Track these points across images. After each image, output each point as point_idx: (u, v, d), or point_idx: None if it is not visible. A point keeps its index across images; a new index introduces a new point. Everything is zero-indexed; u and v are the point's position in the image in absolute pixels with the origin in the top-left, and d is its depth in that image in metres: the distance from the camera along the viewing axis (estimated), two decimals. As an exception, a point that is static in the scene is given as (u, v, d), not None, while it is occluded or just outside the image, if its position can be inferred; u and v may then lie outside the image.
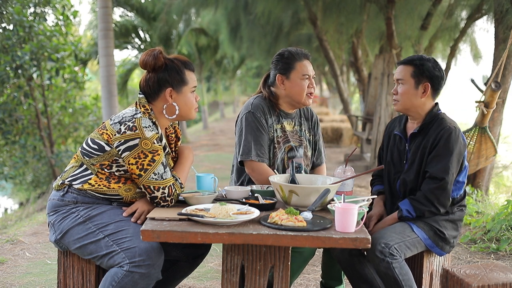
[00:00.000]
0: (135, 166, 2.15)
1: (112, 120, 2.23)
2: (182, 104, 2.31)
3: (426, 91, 2.49)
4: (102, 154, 2.21)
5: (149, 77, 2.29)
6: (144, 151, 2.15)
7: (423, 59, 2.49)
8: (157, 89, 2.28)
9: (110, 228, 2.16)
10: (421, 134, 2.51)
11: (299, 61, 2.71)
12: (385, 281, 2.29)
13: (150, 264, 2.05)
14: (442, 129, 2.43)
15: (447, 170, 2.37)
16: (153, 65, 2.26)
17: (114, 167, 2.22)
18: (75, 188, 2.24)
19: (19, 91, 10.35)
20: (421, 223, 2.44)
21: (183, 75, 2.30)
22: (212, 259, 3.78)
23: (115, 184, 2.25)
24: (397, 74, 2.54)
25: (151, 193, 2.19)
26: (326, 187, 2.18)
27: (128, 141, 2.14)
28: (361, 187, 6.88)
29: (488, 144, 4.74)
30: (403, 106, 2.53)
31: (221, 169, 8.46)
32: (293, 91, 2.72)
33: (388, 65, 7.88)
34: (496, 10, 5.19)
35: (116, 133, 2.17)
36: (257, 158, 2.66)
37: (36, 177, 11.62)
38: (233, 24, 13.02)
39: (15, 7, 9.68)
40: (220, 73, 24.31)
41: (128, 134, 2.14)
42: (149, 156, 2.15)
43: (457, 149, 2.40)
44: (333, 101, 23.43)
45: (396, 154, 2.61)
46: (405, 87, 2.50)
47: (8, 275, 3.49)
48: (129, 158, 2.15)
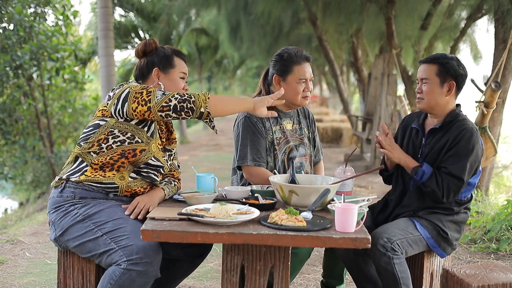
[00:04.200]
0: (139, 105, 2.19)
1: (102, 101, 2.34)
2: (168, 85, 2.39)
3: (451, 89, 2.49)
4: (98, 129, 2.28)
5: (140, 62, 2.44)
6: (137, 91, 2.22)
7: (447, 58, 2.49)
8: (146, 71, 2.41)
9: (108, 226, 2.17)
10: (441, 131, 2.50)
11: (297, 65, 2.70)
12: (383, 276, 2.29)
13: (147, 262, 2.06)
14: (464, 129, 2.43)
15: (465, 170, 2.38)
16: (144, 50, 2.41)
17: (111, 139, 2.26)
18: (72, 181, 2.27)
19: (19, 91, 10.34)
20: (424, 222, 2.44)
21: (171, 59, 2.42)
22: (212, 259, 3.78)
23: (110, 172, 2.28)
24: (421, 73, 2.53)
25: (169, 108, 2.16)
26: (326, 187, 2.18)
27: (120, 96, 2.24)
28: (361, 187, 6.88)
29: (488, 144, 4.73)
30: (428, 104, 2.52)
31: (221, 169, 8.46)
32: (288, 94, 2.72)
33: (388, 65, 7.88)
34: (496, 10, 5.19)
35: (108, 101, 2.28)
36: (253, 163, 2.67)
37: (36, 177, 11.62)
38: (233, 24, 13.02)
39: (15, 7, 9.67)
40: (220, 73, 24.33)
41: (117, 92, 2.26)
42: (144, 91, 2.21)
43: (476, 150, 2.41)
44: (333, 101, 23.40)
45: (411, 148, 2.60)
46: (430, 86, 2.49)
47: (8, 275, 3.49)
48: (130, 106, 2.21)
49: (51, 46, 10.32)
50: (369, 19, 8.97)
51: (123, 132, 2.26)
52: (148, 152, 2.31)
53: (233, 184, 2.88)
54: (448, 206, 2.48)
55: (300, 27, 11.72)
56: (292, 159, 2.76)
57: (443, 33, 8.42)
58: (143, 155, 2.30)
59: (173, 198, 2.46)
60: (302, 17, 10.93)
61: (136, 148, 2.28)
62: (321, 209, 2.25)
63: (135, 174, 2.33)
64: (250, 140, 2.69)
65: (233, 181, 2.89)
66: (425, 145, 2.54)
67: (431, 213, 2.47)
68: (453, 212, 2.48)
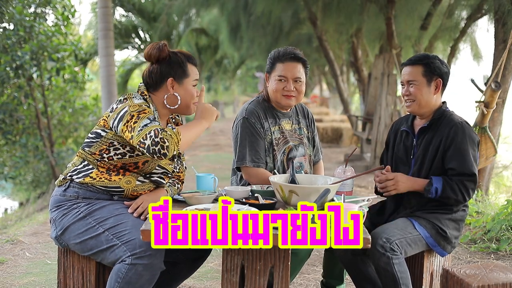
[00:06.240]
0: (127, 130, 2.14)
1: (108, 108, 2.33)
2: (183, 95, 2.36)
3: (438, 87, 2.52)
4: (99, 140, 2.27)
5: (153, 68, 2.36)
6: (131, 113, 2.16)
7: (430, 57, 2.52)
8: (159, 79, 2.35)
9: (109, 222, 2.17)
10: (431, 129, 2.52)
11: (279, 62, 2.72)
12: (382, 276, 2.29)
13: (151, 254, 2.06)
14: (453, 125, 2.45)
15: (472, 164, 2.40)
16: (158, 57, 2.33)
17: (112, 151, 2.25)
18: (77, 182, 2.27)
19: (19, 91, 10.35)
20: (423, 221, 2.44)
21: (185, 67, 2.36)
22: (212, 259, 3.78)
23: (116, 176, 2.27)
24: (407, 75, 2.54)
25: (144, 146, 2.06)
26: (326, 187, 2.18)
27: (119, 113, 2.19)
28: (361, 187, 6.88)
29: (488, 144, 4.74)
30: (418, 105, 2.52)
31: (221, 169, 8.45)
32: (270, 91, 2.78)
33: (388, 65, 7.88)
34: (496, 10, 5.19)
35: (110, 112, 2.25)
36: (252, 164, 2.67)
37: (36, 177, 11.62)
38: (233, 24, 13.02)
39: (16, 7, 9.67)
40: (220, 73, 24.35)
41: (119, 107, 2.21)
42: (135, 116, 2.14)
43: (472, 142, 2.44)
44: (333, 101, 23.39)
45: (402, 150, 2.61)
46: (418, 87, 2.51)
47: (8, 275, 3.49)
48: (121, 127, 2.16)
49: (51, 46, 10.32)
50: (369, 19, 8.97)
51: (122, 144, 2.25)
52: (152, 162, 2.30)
53: (232, 185, 2.88)
54: (446, 205, 2.48)
55: (300, 27, 11.72)
56: (291, 159, 2.76)
57: (443, 33, 8.43)
58: (146, 166, 2.30)
59: (173, 198, 2.46)
60: (302, 17, 10.93)
61: (137, 161, 2.27)
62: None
63: (143, 178, 2.33)
64: (249, 141, 2.70)
65: (233, 181, 2.89)
66: (416, 146, 2.56)
67: (429, 212, 2.48)
68: (451, 210, 2.48)
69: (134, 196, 2.34)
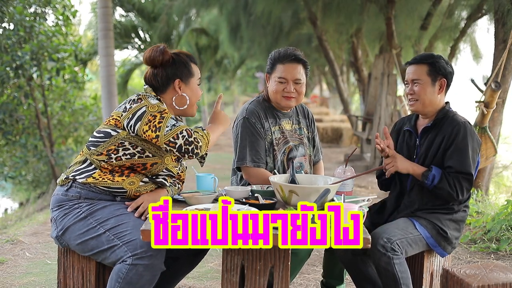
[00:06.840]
0: (149, 130, 2.17)
1: (117, 108, 2.33)
2: (190, 94, 2.39)
3: (442, 87, 2.52)
4: (108, 139, 2.25)
5: (157, 71, 2.36)
6: (152, 113, 2.19)
7: (435, 57, 2.52)
8: (166, 81, 2.36)
9: (110, 223, 2.18)
10: (434, 129, 2.52)
11: (280, 63, 2.72)
12: (383, 276, 2.29)
13: (152, 255, 2.07)
14: (456, 124, 2.45)
15: (470, 164, 2.40)
16: (161, 60, 2.34)
17: (121, 151, 2.24)
18: (79, 182, 2.27)
19: (19, 91, 10.34)
20: (424, 221, 2.44)
21: (190, 67, 2.39)
22: (212, 259, 3.78)
23: (119, 177, 2.27)
24: (412, 74, 2.54)
25: (174, 146, 2.16)
26: (326, 187, 2.18)
27: (136, 112, 2.21)
28: (361, 187, 6.88)
29: (488, 144, 4.74)
30: (422, 104, 2.52)
31: (221, 169, 8.45)
32: (270, 92, 2.78)
33: (388, 65, 7.88)
34: (496, 10, 5.19)
35: (123, 112, 2.25)
36: (252, 164, 2.67)
37: (36, 177, 11.62)
38: (233, 24, 13.01)
39: (16, 7, 9.67)
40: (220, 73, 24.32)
41: (134, 107, 2.22)
42: (158, 116, 2.19)
43: (473, 142, 2.43)
44: (333, 101, 23.40)
45: (405, 150, 2.61)
46: (422, 86, 2.51)
47: (8, 275, 3.49)
48: (142, 127, 2.19)
49: (51, 46, 10.32)
50: (369, 19, 8.97)
51: (133, 145, 2.25)
52: (160, 165, 2.32)
53: (232, 185, 2.88)
54: (447, 205, 2.48)
55: (300, 27, 11.72)
56: (291, 159, 2.76)
57: (443, 33, 8.43)
58: (154, 168, 2.31)
59: (173, 198, 2.46)
60: (302, 17, 10.93)
61: (146, 163, 2.28)
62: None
63: (148, 179, 2.34)
64: (249, 141, 2.70)
65: (233, 181, 2.89)
66: (420, 145, 2.55)
67: (430, 212, 2.48)
68: (452, 210, 2.48)
69: (136, 197, 2.34)
